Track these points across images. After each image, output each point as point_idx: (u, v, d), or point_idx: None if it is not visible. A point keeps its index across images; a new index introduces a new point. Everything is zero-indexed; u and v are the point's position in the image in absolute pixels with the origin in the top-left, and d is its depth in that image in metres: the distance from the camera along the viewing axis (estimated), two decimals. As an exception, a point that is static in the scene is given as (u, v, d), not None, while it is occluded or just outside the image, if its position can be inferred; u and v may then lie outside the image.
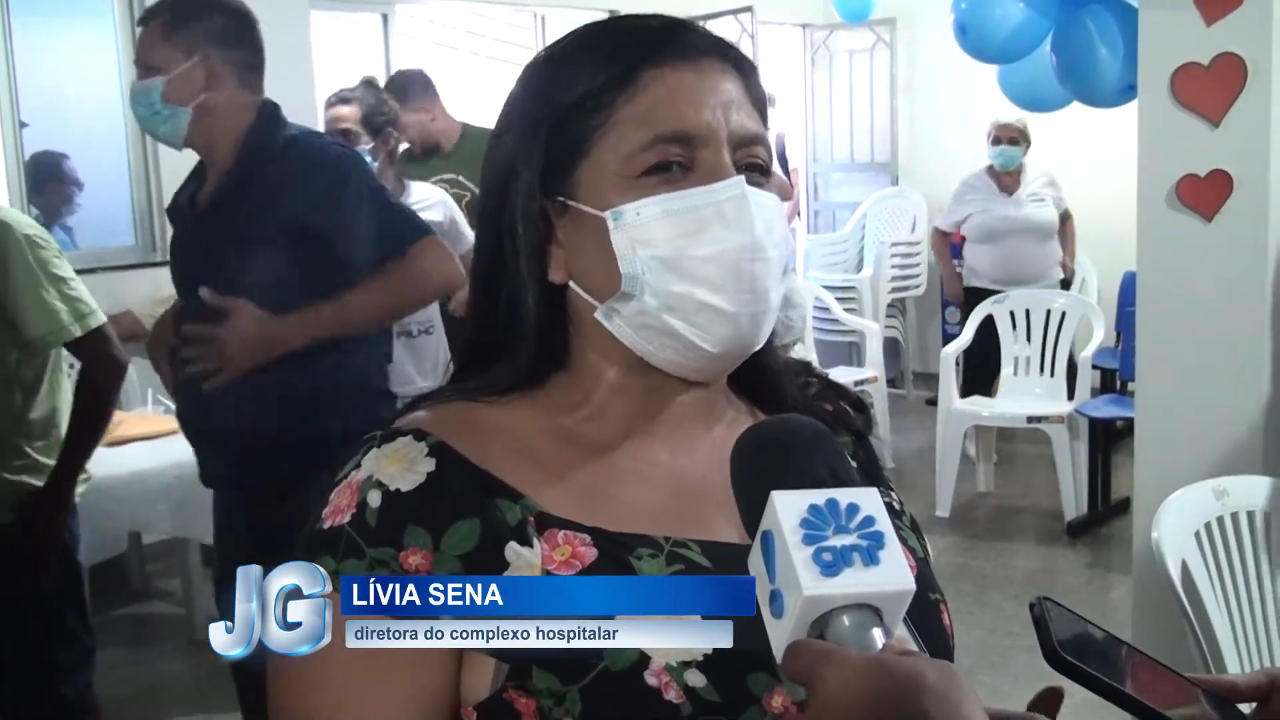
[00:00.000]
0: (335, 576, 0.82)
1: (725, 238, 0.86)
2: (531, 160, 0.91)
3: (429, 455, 0.86)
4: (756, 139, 0.91)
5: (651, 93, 0.88)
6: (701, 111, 0.88)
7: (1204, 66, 3.14)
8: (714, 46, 0.92)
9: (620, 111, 0.88)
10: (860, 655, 0.64)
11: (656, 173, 0.87)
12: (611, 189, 0.88)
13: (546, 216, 0.91)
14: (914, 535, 1.02)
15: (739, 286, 0.87)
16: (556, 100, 0.90)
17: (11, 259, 2.64)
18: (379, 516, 0.83)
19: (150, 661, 4.15)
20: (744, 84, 0.93)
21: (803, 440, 0.76)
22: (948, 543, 5.09)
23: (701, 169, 0.88)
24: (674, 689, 0.80)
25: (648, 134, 0.87)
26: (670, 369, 0.90)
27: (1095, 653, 0.76)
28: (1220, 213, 3.18)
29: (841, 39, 8.32)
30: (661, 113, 0.87)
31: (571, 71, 0.91)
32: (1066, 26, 4.28)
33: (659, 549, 0.85)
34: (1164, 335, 3.35)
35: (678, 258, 0.86)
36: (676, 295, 0.86)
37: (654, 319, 0.87)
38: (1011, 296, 5.66)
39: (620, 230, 0.87)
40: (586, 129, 0.89)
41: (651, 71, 0.89)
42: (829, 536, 0.67)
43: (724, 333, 0.87)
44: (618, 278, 0.87)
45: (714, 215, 0.86)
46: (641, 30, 0.92)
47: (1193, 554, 2.20)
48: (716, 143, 0.88)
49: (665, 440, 0.93)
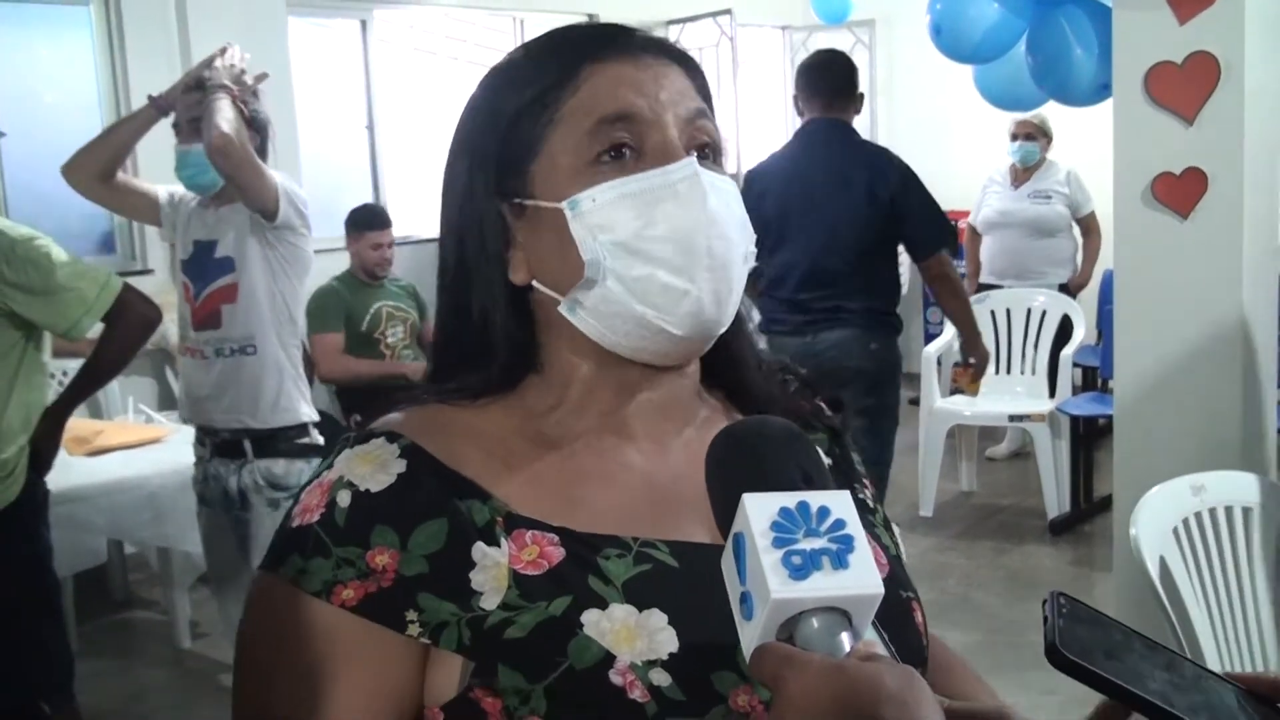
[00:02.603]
0: (301, 574, 0.83)
1: (681, 215, 0.87)
2: (485, 167, 0.92)
3: (400, 457, 0.86)
4: (701, 114, 0.92)
5: (593, 83, 0.90)
6: (644, 94, 0.90)
7: (1177, 65, 3.16)
8: (654, 44, 0.94)
9: (565, 107, 0.90)
10: (822, 660, 0.64)
11: (608, 160, 0.88)
12: (565, 180, 0.89)
13: (503, 221, 0.92)
14: (887, 533, 1.02)
15: (698, 264, 0.87)
16: (503, 108, 0.92)
17: (17, 269, 2.69)
18: (347, 516, 0.84)
19: (133, 671, 4.13)
20: (687, 75, 0.94)
21: (776, 442, 0.76)
22: (931, 542, 5.10)
23: (652, 152, 0.89)
24: (639, 688, 0.80)
25: (592, 118, 0.89)
26: (637, 356, 0.91)
27: (1106, 651, 0.74)
28: (1195, 210, 3.20)
29: (821, 40, 8.31)
30: (603, 98, 0.89)
31: (516, 80, 0.93)
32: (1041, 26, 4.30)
33: (627, 549, 0.86)
34: (1141, 332, 3.37)
35: (636, 240, 0.87)
36: (638, 278, 0.87)
37: (618, 304, 0.88)
38: (992, 295, 5.69)
39: (578, 219, 0.88)
40: (535, 128, 0.90)
41: (592, 66, 0.90)
42: (799, 540, 0.67)
43: (687, 312, 0.88)
44: (579, 268, 0.88)
45: (668, 195, 0.87)
46: (581, 33, 0.95)
47: (1171, 550, 2.21)
48: (663, 124, 0.89)
49: (637, 442, 0.93)
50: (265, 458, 3.17)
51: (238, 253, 3.16)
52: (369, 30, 6.37)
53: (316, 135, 6.02)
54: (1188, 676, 0.77)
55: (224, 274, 3.15)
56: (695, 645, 0.82)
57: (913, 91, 7.91)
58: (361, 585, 0.82)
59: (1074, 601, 0.77)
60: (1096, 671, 0.72)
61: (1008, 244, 5.91)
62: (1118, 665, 0.74)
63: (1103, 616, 0.77)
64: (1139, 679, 0.73)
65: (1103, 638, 0.76)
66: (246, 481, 3.17)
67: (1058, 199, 5.82)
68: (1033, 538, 5.16)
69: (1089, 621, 0.76)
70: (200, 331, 3.18)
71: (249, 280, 3.14)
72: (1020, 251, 5.88)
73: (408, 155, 6.66)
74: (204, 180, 3.12)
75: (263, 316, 3.16)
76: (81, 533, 3.67)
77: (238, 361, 3.15)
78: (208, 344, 3.17)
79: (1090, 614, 0.77)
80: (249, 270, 3.15)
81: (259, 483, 3.16)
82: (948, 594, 4.52)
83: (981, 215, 6.04)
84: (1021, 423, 5.36)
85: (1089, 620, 0.76)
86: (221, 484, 3.21)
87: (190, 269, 3.22)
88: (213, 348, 3.16)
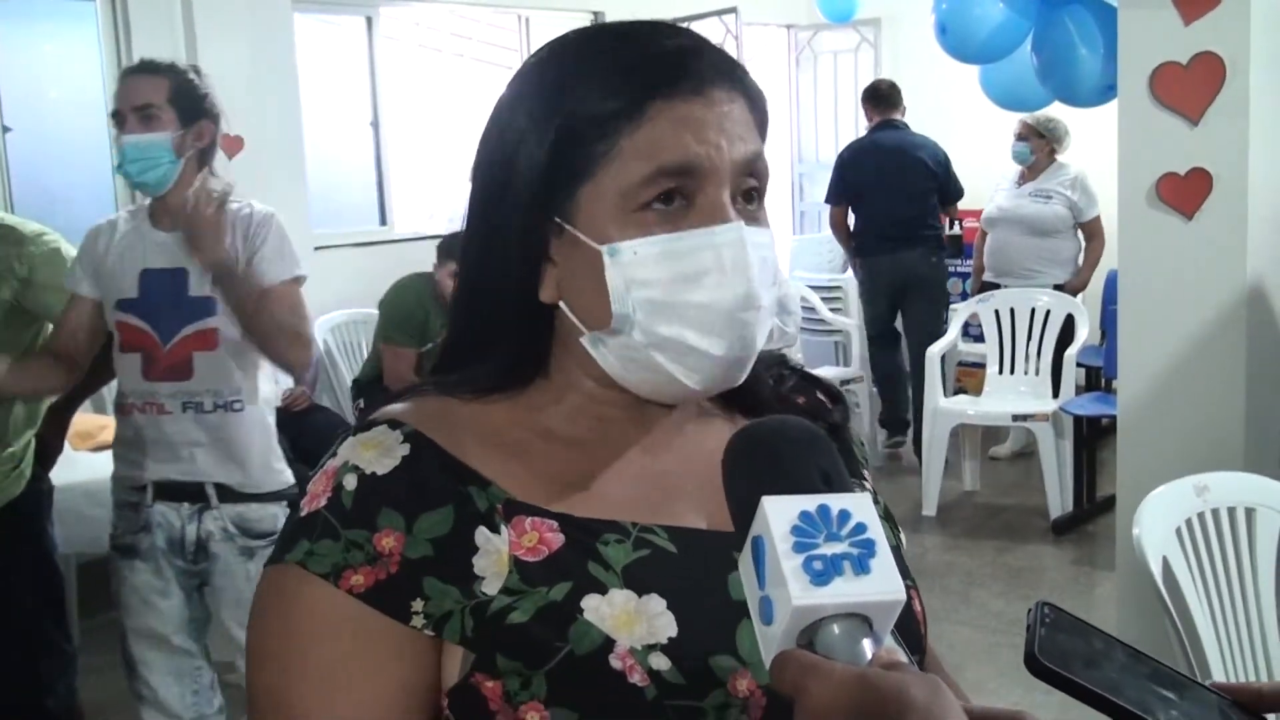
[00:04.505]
0: (309, 556, 0.83)
1: (722, 285, 0.85)
2: (532, 174, 0.89)
3: (404, 442, 0.87)
4: (755, 158, 0.89)
5: (658, 125, 0.86)
6: (705, 143, 0.86)
7: (1183, 65, 3.16)
8: (726, 73, 0.89)
9: (624, 141, 0.86)
10: (845, 669, 0.63)
11: (656, 206, 0.86)
12: (610, 220, 0.86)
13: (543, 233, 0.90)
14: (886, 524, 1.02)
15: (730, 335, 0.86)
16: (564, 115, 0.87)
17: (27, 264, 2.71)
18: (354, 498, 0.84)
19: (137, 666, 4.13)
20: (749, 106, 0.91)
21: (795, 443, 0.74)
22: (934, 541, 5.10)
23: (701, 207, 0.86)
24: (638, 672, 0.80)
25: (650, 166, 0.85)
26: (650, 397, 0.91)
27: (1087, 660, 0.74)
28: (1200, 211, 3.20)
29: (826, 39, 8.33)
30: (667, 145, 0.85)
31: (581, 89, 0.87)
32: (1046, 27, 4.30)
33: (626, 534, 0.87)
34: (1145, 332, 3.37)
35: (671, 301, 0.85)
36: (665, 337, 0.86)
37: (640, 354, 0.87)
38: (996, 295, 5.69)
39: (616, 267, 0.86)
40: (592, 154, 0.86)
41: (660, 104, 0.86)
42: (820, 544, 0.66)
43: (709, 373, 0.88)
44: (608, 310, 0.86)
45: (712, 261, 0.85)
46: (654, 56, 0.88)
47: (1174, 550, 2.21)
48: (718, 178, 0.86)
49: (637, 436, 0.94)
50: (234, 503, 2.67)
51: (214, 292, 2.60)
52: (374, 27, 6.37)
53: (321, 132, 6.03)
54: (1170, 686, 0.77)
55: (201, 316, 2.60)
56: (694, 629, 0.83)
57: (918, 91, 7.86)
58: (371, 571, 0.82)
59: (1059, 611, 0.76)
60: (1074, 679, 0.72)
61: (1004, 241, 5.92)
62: (1096, 674, 0.73)
63: (1087, 626, 0.77)
64: (1117, 688, 0.73)
65: (1084, 647, 0.75)
66: (210, 528, 2.65)
67: (1059, 200, 5.79)
68: (1036, 537, 5.16)
69: (1072, 631, 0.76)
70: (163, 383, 2.62)
71: (231, 327, 2.60)
72: (1015, 249, 5.88)
73: (413, 153, 6.67)
74: (155, 176, 2.60)
75: (248, 366, 2.66)
76: (85, 526, 3.68)
77: (220, 419, 2.63)
78: (173, 398, 2.62)
79: (1074, 624, 0.77)
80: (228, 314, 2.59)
81: (229, 529, 2.66)
82: (950, 593, 4.53)
83: (985, 212, 6.05)
84: (1025, 422, 5.36)
85: (1072, 630, 0.76)
86: (167, 532, 2.66)
87: (143, 307, 2.63)
88: (180, 402, 2.62)
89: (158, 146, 2.56)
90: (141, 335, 2.62)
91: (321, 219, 5.99)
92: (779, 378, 1.05)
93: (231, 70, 5.26)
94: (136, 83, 2.61)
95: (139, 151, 2.57)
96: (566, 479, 0.89)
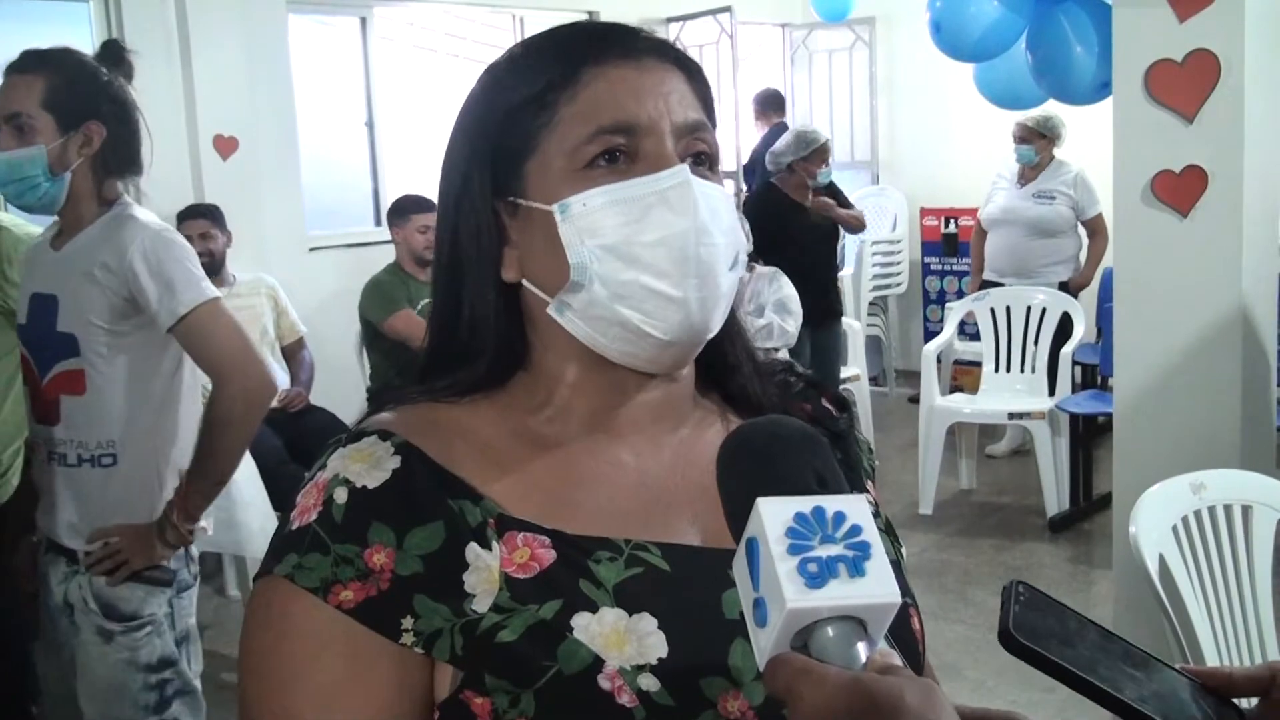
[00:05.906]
0: (298, 569, 0.82)
1: (670, 223, 0.87)
2: (481, 164, 0.92)
3: (395, 454, 0.86)
4: (700, 126, 0.92)
5: (593, 89, 0.89)
6: (643, 102, 0.89)
7: (1177, 63, 3.16)
8: (655, 46, 0.93)
9: (563, 109, 0.89)
10: (839, 674, 0.63)
11: (601, 164, 0.88)
12: (558, 183, 0.89)
13: (499, 218, 0.92)
14: (888, 538, 1.01)
15: (686, 271, 0.87)
16: (501, 105, 0.91)
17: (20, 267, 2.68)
18: (345, 512, 0.83)
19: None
20: (687, 80, 0.94)
21: (790, 443, 0.74)
22: (931, 539, 5.10)
23: (646, 159, 0.89)
24: (627, 693, 0.80)
25: (590, 126, 0.88)
26: (624, 360, 0.91)
27: (1060, 638, 0.75)
28: (1195, 208, 3.21)
29: (821, 38, 8.33)
30: (603, 105, 0.89)
31: (515, 77, 0.92)
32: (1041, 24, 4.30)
33: (619, 552, 0.86)
34: (1141, 330, 3.37)
35: (625, 245, 0.87)
36: (625, 283, 0.87)
37: (604, 309, 0.88)
38: (992, 294, 5.69)
39: (567, 222, 0.88)
40: (532, 128, 0.90)
41: (593, 69, 0.89)
42: (815, 546, 0.65)
43: (674, 319, 0.88)
44: (566, 267, 0.88)
45: (658, 201, 0.87)
46: (582, 33, 0.93)
47: (1170, 548, 2.21)
48: (659, 132, 0.89)
49: (629, 441, 0.93)
50: None
51: (81, 328, 2.17)
52: (369, 27, 6.37)
53: (316, 133, 6.02)
54: (1141, 667, 0.78)
55: (67, 355, 2.18)
56: (685, 649, 0.82)
57: (912, 89, 7.90)
58: (362, 587, 0.81)
59: (1033, 590, 0.77)
60: (1048, 656, 0.73)
61: (1009, 242, 5.91)
62: (1070, 652, 0.74)
63: (1061, 606, 0.78)
64: (1090, 666, 0.74)
65: (1057, 625, 0.76)
66: (74, 596, 2.24)
67: (1062, 200, 5.80)
68: (1032, 535, 5.16)
69: (1046, 609, 0.77)
70: (39, 425, 2.27)
71: (103, 370, 2.18)
72: (1022, 250, 5.88)
73: (407, 152, 6.66)
74: (34, 198, 2.19)
75: (129, 413, 2.20)
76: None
77: (83, 475, 2.21)
78: (45, 444, 2.26)
79: (1049, 603, 0.77)
80: (102, 355, 2.17)
81: (87, 603, 2.22)
82: (947, 591, 4.52)
83: (986, 211, 6.04)
84: (1021, 420, 5.36)
85: (1046, 608, 0.77)
86: (48, 585, 2.30)
87: (25, 335, 2.27)
88: (46, 450, 2.26)
89: (32, 163, 2.14)
90: (28, 368, 2.27)
91: (316, 220, 5.99)
92: (784, 384, 1.04)
93: (226, 71, 5.27)
94: (8, 85, 2.17)
95: (12, 170, 2.16)
96: (559, 492, 0.88)
